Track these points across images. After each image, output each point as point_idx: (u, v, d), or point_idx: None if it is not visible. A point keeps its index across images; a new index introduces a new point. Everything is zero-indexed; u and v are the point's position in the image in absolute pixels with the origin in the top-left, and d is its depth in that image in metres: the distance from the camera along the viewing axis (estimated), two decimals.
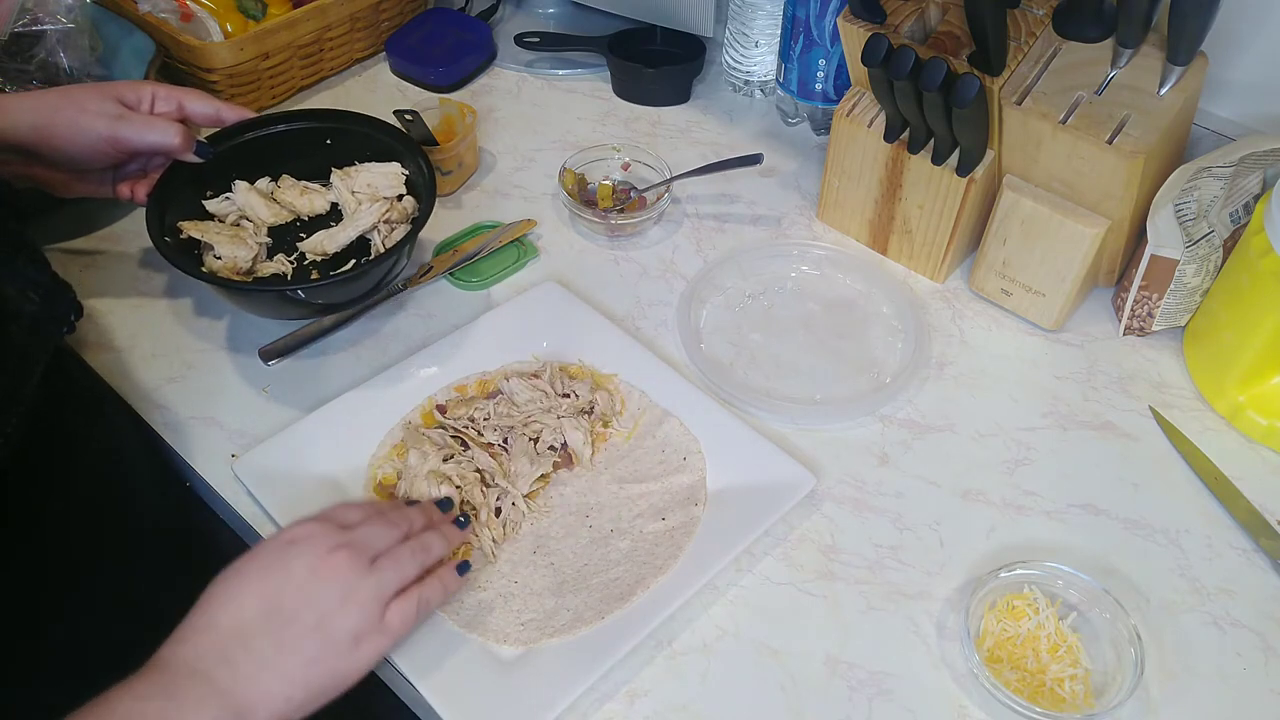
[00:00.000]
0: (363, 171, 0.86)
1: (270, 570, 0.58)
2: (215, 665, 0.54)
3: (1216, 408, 0.82)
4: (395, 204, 0.85)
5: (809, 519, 0.75)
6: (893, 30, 0.84)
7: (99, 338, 0.84)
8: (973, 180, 0.86)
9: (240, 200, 0.84)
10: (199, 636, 0.55)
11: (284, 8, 1.07)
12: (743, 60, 1.10)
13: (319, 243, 0.84)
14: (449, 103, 1.00)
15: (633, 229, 0.97)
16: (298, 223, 0.87)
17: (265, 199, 0.85)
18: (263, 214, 0.84)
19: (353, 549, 0.59)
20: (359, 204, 0.84)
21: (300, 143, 0.87)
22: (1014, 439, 0.80)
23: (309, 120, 0.88)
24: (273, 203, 0.86)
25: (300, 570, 0.57)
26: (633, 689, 0.65)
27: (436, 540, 0.63)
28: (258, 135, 0.86)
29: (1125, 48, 0.78)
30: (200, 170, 0.81)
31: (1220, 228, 0.84)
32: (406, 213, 0.85)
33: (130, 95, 0.77)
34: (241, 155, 0.85)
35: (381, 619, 0.58)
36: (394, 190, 0.85)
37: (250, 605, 0.56)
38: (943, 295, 0.92)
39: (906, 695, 0.65)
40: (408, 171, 0.85)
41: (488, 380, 0.82)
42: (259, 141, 0.86)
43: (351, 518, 0.62)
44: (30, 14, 0.91)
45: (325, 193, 0.87)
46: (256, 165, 0.86)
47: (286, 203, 0.86)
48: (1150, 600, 0.70)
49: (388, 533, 0.61)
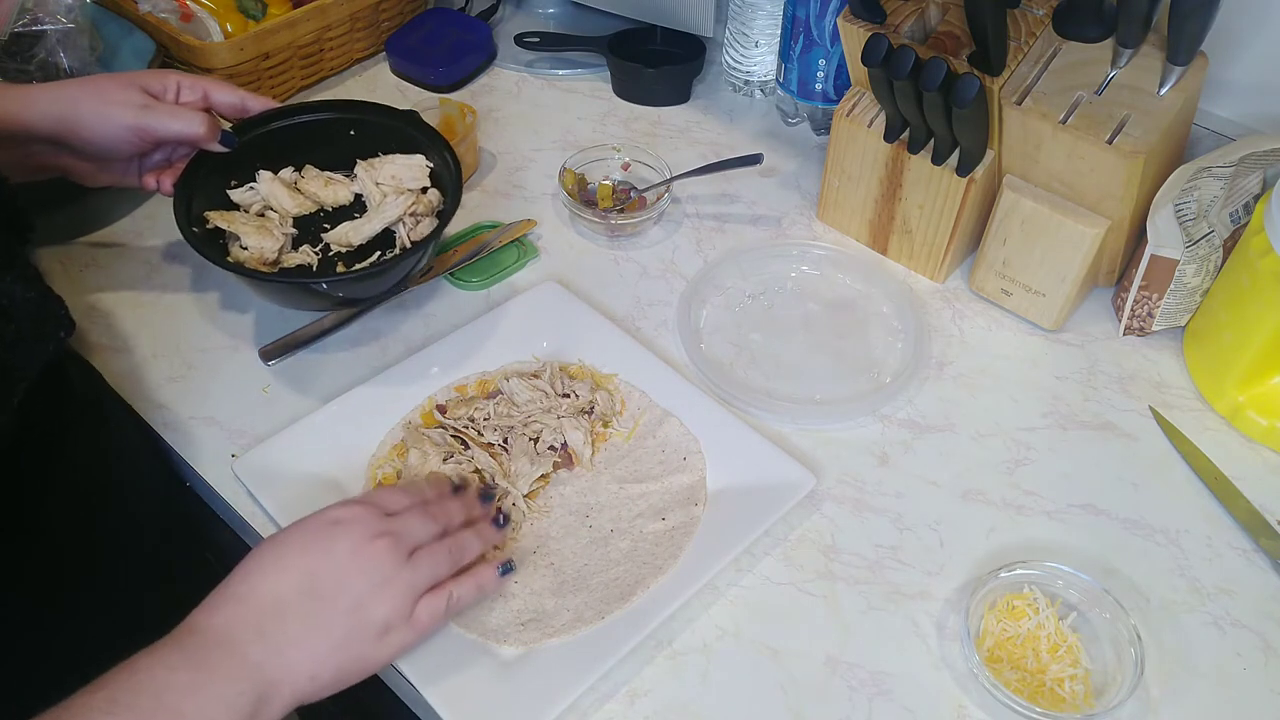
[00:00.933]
0: (387, 163, 0.85)
1: (311, 548, 0.58)
2: (248, 638, 0.54)
3: (1216, 408, 0.82)
4: (420, 196, 0.84)
5: (809, 519, 0.75)
6: (893, 30, 0.84)
7: (99, 337, 0.84)
8: (973, 180, 0.86)
9: (264, 190, 0.83)
10: (234, 606, 0.55)
11: (284, 8, 1.07)
12: (743, 60, 1.10)
13: (344, 234, 0.83)
14: (449, 103, 1.00)
15: (633, 229, 0.97)
16: (321, 213, 0.86)
17: (289, 189, 0.85)
18: (286, 204, 0.83)
19: (394, 538, 0.59)
20: (384, 196, 0.84)
21: (324, 133, 0.86)
22: (1014, 439, 0.80)
23: (333, 111, 0.87)
24: (296, 193, 0.85)
25: (342, 552, 0.58)
26: (633, 689, 0.65)
27: (474, 542, 0.64)
28: (281, 125, 0.85)
29: (1125, 48, 0.78)
30: (224, 160, 0.81)
31: (1220, 228, 0.84)
32: (432, 205, 0.84)
33: (155, 84, 0.77)
34: (265, 145, 0.84)
35: (411, 613, 0.59)
36: (418, 183, 0.84)
37: (288, 580, 0.56)
38: (943, 295, 0.92)
39: (906, 695, 0.65)
40: (432, 164, 0.85)
41: (488, 380, 0.82)
42: (283, 131, 0.85)
43: (395, 504, 0.62)
44: (30, 14, 0.91)
45: (349, 184, 0.86)
46: (280, 155, 0.86)
47: (310, 193, 0.85)
48: (1150, 600, 0.70)
49: (429, 526, 0.62)
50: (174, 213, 0.77)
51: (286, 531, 0.59)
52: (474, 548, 0.64)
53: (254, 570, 0.57)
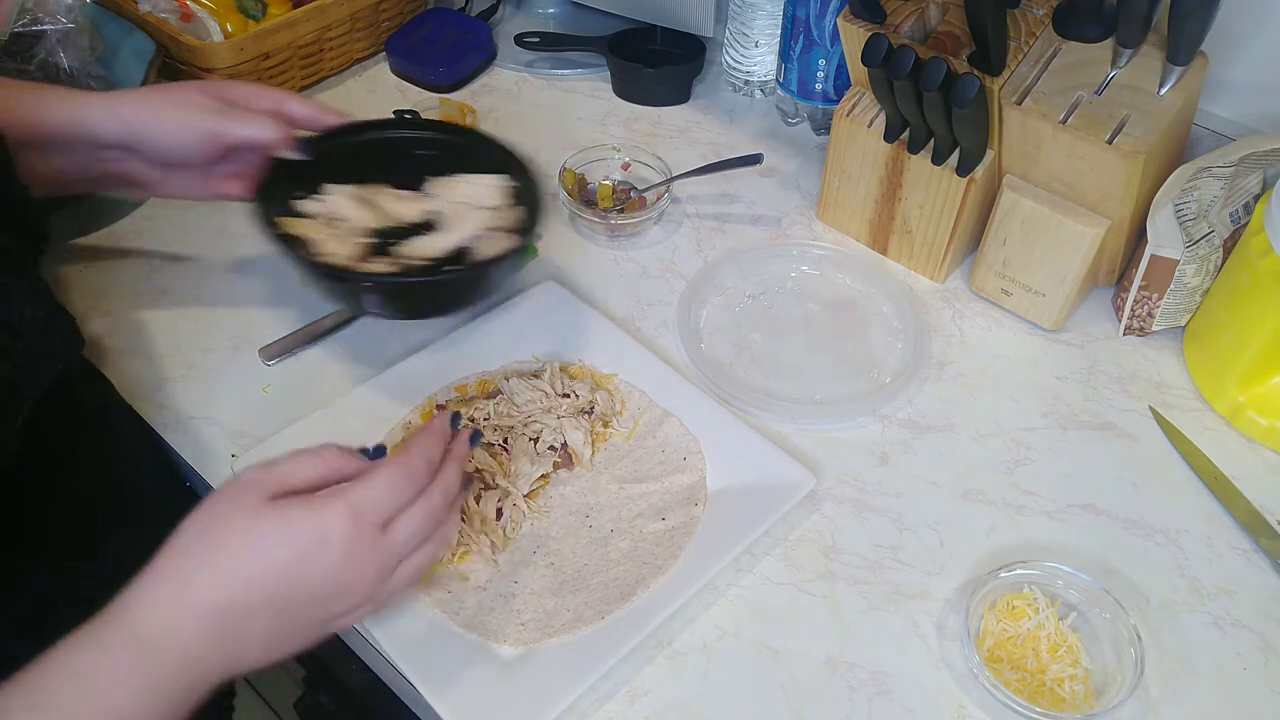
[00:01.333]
0: (461, 181, 0.82)
1: (298, 564, 0.53)
2: (201, 646, 0.51)
3: (1216, 408, 0.82)
4: (498, 213, 0.81)
5: (809, 519, 0.75)
6: (893, 30, 0.84)
7: (99, 337, 0.84)
8: (973, 180, 0.86)
9: (333, 203, 0.80)
10: (184, 606, 0.51)
11: (284, 8, 1.07)
12: (743, 60, 1.10)
13: (420, 247, 0.79)
14: (449, 103, 1.01)
15: (633, 229, 0.97)
16: (389, 230, 0.82)
17: (358, 203, 0.82)
18: (355, 218, 0.80)
19: (383, 566, 0.56)
20: (458, 212, 0.81)
21: (393, 150, 0.85)
22: (1014, 439, 0.80)
23: (404, 128, 0.87)
24: (365, 208, 0.82)
25: (322, 581, 0.54)
26: (633, 689, 0.65)
27: (452, 533, 0.63)
28: (353, 139, 0.83)
29: (1125, 48, 0.78)
30: (291, 173, 0.79)
31: (1220, 228, 0.84)
32: (511, 222, 0.80)
33: (230, 92, 0.77)
34: (335, 159, 0.82)
35: None
36: (492, 201, 0.82)
37: (258, 586, 0.52)
38: (943, 295, 0.92)
39: (906, 695, 0.65)
40: (510, 184, 0.82)
41: (488, 380, 0.82)
42: (354, 146, 0.83)
43: (386, 507, 0.56)
44: (30, 14, 0.91)
45: (419, 200, 0.83)
46: (350, 170, 0.83)
47: (379, 208, 0.82)
48: (1150, 600, 0.70)
49: (421, 530, 0.58)
50: (255, 213, 0.75)
51: (269, 529, 0.53)
52: (449, 539, 0.62)
53: (210, 558, 0.52)
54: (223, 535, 0.53)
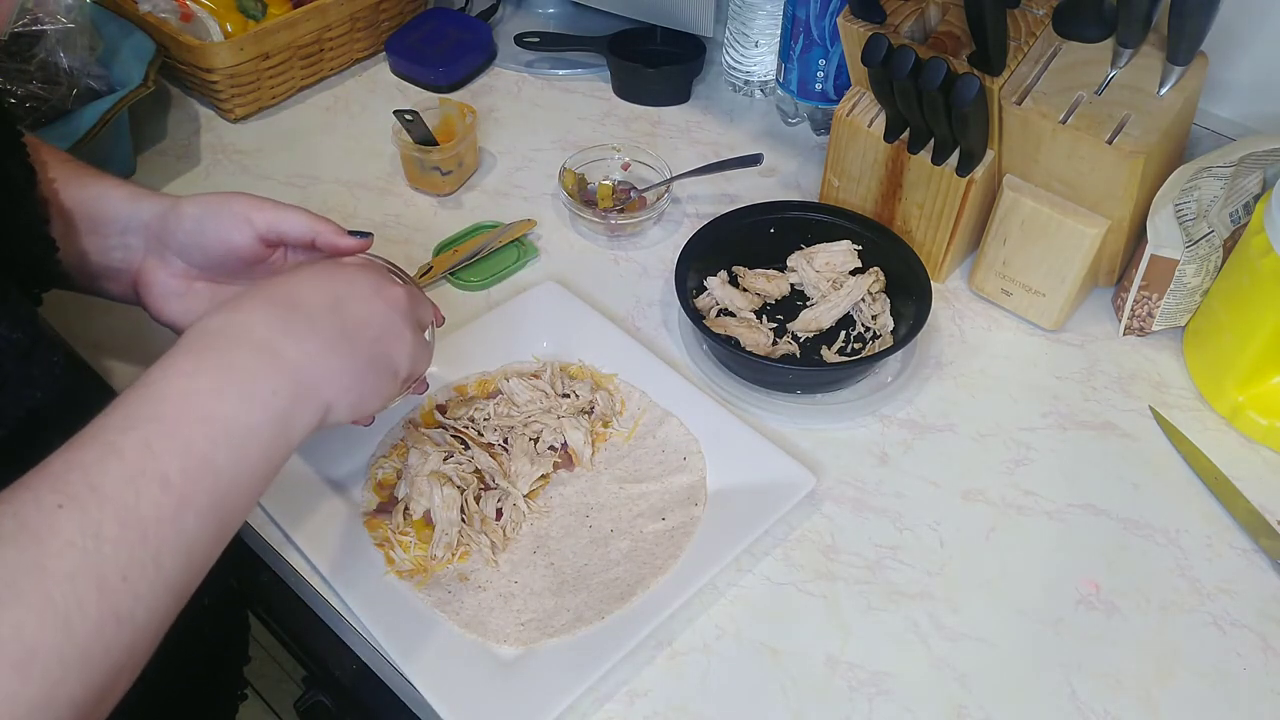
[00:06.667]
0: (820, 251, 0.89)
1: (334, 278, 0.55)
2: (275, 334, 0.49)
3: (1216, 408, 0.82)
4: (865, 276, 0.87)
5: (809, 519, 0.75)
6: (893, 30, 0.84)
7: (99, 338, 0.84)
8: (973, 180, 0.86)
9: (719, 294, 0.88)
10: (253, 304, 0.50)
11: (284, 8, 1.07)
12: (743, 60, 1.10)
13: (809, 321, 0.86)
14: (449, 103, 1.00)
15: (633, 229, 0.97)
16: (766, 307, 0.90)
17: (738, 289, 0.89)
18: (740, 303, 0.87)
19: (407, 309, 0.58)
20: (828, 282, 0.88)
21: (749, 233, 0.90)
22: (1014, 439, 0.80)
23: (756, 215, 0.91)
24: (742, 292, 0.89)
25: (365, 286, 0.56)
26: (633, 689, 0.65)
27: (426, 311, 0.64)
28: (713, 230, 0.89)
29: (1125, 48, 0.78)
30: None
31: (1220, 228, 0.84)
32: (878, 283, 0.87)
33: None
34: (706, 252, 0.88)
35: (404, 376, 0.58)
36: (851, 264, 0.88)
37: (313, 293, 0.53)
38: (943, 295, 0.92)
39: (906, 695, 0.65)
40: (859, 246, 0.88)
41: (488, 380, 0.82)
42: (716, 236, 0.89)
43: None
44: (30, 14, 0.91)
45: (784, 276, 0.90)
46: (717, 260, 0.90)
47: (754, 289, 0.89)
48: (1150, 600, 0.70)
49: (414, 294, 0.61)
50: (688, 316, 0.82)
51: (290, 270, 0.56)
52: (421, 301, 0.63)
53: (265, 284, 0.52)
54: None
